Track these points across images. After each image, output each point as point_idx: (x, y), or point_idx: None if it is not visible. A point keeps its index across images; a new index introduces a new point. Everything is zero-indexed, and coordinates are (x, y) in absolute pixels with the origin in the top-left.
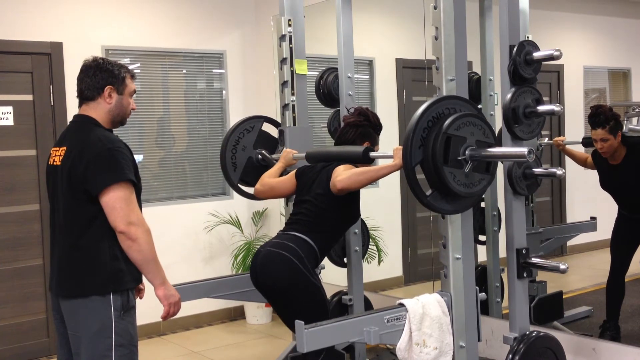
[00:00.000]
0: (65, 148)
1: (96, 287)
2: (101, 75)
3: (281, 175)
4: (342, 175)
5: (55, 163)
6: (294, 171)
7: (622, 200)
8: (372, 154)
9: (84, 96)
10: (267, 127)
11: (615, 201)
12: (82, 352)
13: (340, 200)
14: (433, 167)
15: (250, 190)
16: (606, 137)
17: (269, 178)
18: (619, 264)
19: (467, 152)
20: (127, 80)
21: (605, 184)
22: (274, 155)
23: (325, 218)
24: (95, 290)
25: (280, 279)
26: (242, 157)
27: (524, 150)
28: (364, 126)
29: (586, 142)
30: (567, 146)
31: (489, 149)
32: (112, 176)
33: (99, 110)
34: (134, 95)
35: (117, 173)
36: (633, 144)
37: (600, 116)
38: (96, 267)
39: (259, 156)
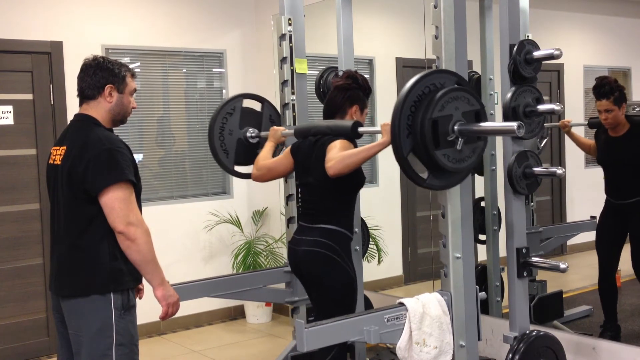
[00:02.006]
0: (65, 147)
1: (96, 287)
2: (101, 74)
3: (274, 154)
4: (333, 160)
5: (55, 162)
6: (289, 148)
7: (614, 178)
8: (360, 129)
9: (85, 95)
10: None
11: (606, 182)
12: (82, 351)
13: (342, 178)
14: (425, 154)
15: (249, 169)
16: (610, 108)
17: (264, 160)
18: (607, 263)
19: (456, 128)
20: (128, 79)
21: (601, 158)
22: (263, 133)
23: (337, 198)
24: (95, 290)
25: (324, 276)
26: (231, 141)
27: (513, 124)
28: (353, 89)
29: (592, 123)
30: (574, 132)
31: (479, 125)
32: (111, 176)
33: (99, 109)
34: (135, 94)
35: (116, 173)
36: (639, 122)
37: (606, 87)
38: (96, 267)
39: (247, 134)
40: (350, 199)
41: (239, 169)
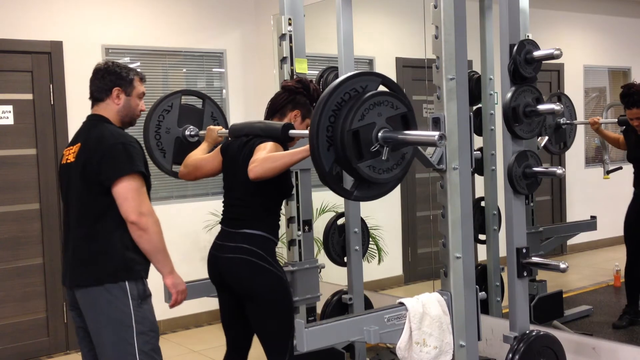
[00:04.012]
0: (79, 144)
1: (109, 276)
2: (109, 77)
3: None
4: (255, 162)
5: (68, 161)
6: (219, 147)
7: None
8: (292, 132)
9: (95, 97)
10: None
11: (635, 177)
12: (103, 342)
13: (268, 181)
14: (348, 167)
15: None
16: None
17: (194, 157)
18: (635, 253)
19: (380, 136)
20: (136, 83)
21: (631, 156)
22: (202, 132)
23: (261, 203)
24: (108, 279)
25: (255, 286)
26: (169, 139)
27: (434, 135)
28: (300, 94)
29: (622, 120)
30: (602, 129)
31: (402, 133)
32: (124, 168)
33: (109, 111)
34: (143, 98)
35: (129, 165)
36: None
37: (634, 96)
38: (109, 256)
39: (186, 132)
40: (275, 204)
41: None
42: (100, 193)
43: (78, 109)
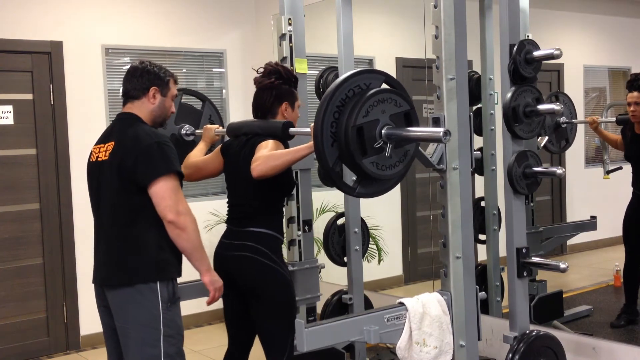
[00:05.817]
0: (113, 143)
1: (142, 277)
2: (147, 76)
3: (207, 153)
4: (258, 160)
5: (100, 159)
6: (219, 147)
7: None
8: (292, 130)
9: (129, 95)
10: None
11: (633, 176)
12: (130, 342)
13: (270, 179)
14: (352, 163)
15: None
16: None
17: (193, 159)
18: (634, 252)
19: (383, 132)
20: (171, 84)
21: (628, 154)
22: (198, 131)
23: (265, 201)
24: (141, 279)
25: (262, 285)
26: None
27: (439, 130)
28: (278, 86)
29: (620, 119)
30: (601, 129)
31: (406, 129)
32: (162, 168)
33: (143, 110)
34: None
35: (166, 165)
36: None
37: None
38: (143, 256)
39: (182, 131)
40: (278, 202)
41: None
42: (135, 192)
43: (78, 109)
